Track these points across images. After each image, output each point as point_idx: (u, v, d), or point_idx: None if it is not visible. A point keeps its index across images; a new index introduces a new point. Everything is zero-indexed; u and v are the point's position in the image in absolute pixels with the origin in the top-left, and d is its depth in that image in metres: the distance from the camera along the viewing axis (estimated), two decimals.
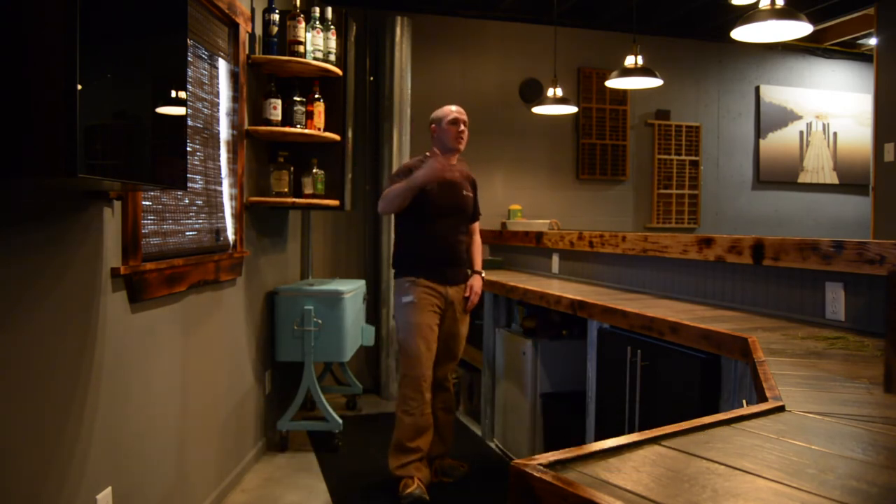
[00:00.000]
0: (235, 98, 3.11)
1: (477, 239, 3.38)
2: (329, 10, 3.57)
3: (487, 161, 5.27)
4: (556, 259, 4.13)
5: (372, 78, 5.04)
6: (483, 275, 3.31)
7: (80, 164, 1.24)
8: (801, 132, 6.22)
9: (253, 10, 3.30)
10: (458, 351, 3.24)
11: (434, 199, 3.08)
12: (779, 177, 6.17)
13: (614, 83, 4.19)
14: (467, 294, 3.20)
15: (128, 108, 1.54)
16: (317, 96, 3.55)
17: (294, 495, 3.07)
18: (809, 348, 1.79)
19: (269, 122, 3.35)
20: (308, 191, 3.62)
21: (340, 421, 3.63)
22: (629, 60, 4.02)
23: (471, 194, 3.26)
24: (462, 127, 3.15)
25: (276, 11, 3.35)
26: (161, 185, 1.94)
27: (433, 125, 3.20)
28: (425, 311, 3.05)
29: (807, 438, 0.99)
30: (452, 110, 3.17)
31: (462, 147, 3.18)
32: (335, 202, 3.72)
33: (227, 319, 3.03)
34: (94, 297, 1.88)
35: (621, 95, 5.69)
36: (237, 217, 3.13)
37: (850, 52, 6.26)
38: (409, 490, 2.92)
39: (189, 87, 2.54)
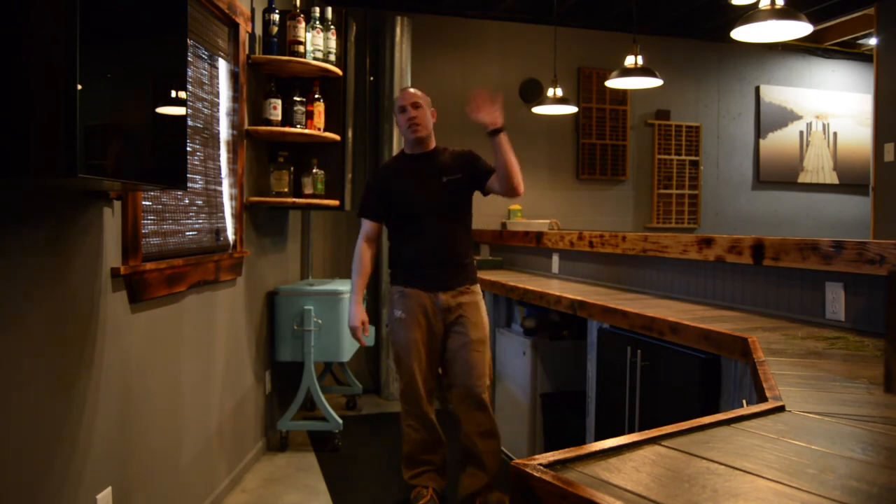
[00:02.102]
0: (235, 98, 3.11)
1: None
2: (329, 10, 3.57)
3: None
4: (556, 259, 4.13)
5: (372, 78, 5.04)
6: (502, 134, 2.63)
7: (80, 164, 1.24)
8: (801, 132, 6.22)
9: (253, 10, 3.30)
10: (477, 361, 2.80)
11: (405, 196, 2.82)
12: (779, 177, 6.17)
13: (614, 83, 4.19)
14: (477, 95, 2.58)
15: (128, 108, 1.54)
16: (317, 96, 3.55)
17: (294, 495, 3.07)
18: (809, 348, 1.79)
19: (269, 122, 3.35)
20: (308, 191, 3.62)
21: (340, 421, 3.64)
22: (629, 60, 4.02)
23: (457, 176, 2.81)
24: (410, 112, 2.77)
25: (276, 11, 3.35)
26: (161, 185, 1.95)
27: (396, 121, 2.91)
28: (414, 326, 2.79)
29: (807, 438, 0.99)
30: (399, 95, 2.83)
31: (418, 133, 2.79)
32: (335, 202, 3.72)
33: (227, 319, 3.03)
34: (94, 297, 1.88)
35: (621, 95, 5.69)
36: (237, 217, 3.13)
37: (850, 52, 6.26)
38: (421, 502, 2.84)
39: (189, 87, 2.54)
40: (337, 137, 3.65)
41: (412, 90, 2.85)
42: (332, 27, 3.56)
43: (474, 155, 2.89)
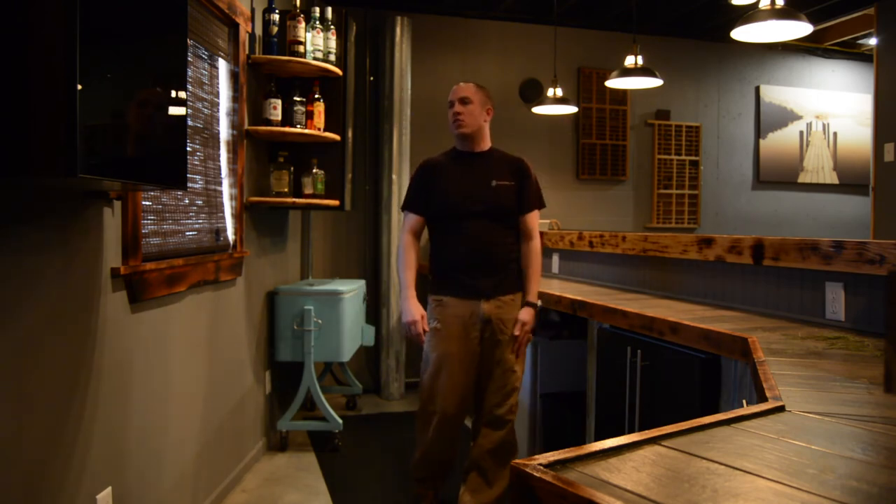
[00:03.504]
0: (235, 98, 3.11)
1: (533, 246, 2.71)
2: (329, 10, 3.57)
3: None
4: (556, 259, 4.13)
5: (372, 78, 5.04)
6: (538, 305, 2.71)
7: (80, 164, 1.24)
8: (801, 132, 6.22)
9: (253, 10, 3.30)
10: (508, 382, 2.67)
11: (449, 194, 2.67)
12: (779, 177, 6.18)
13: (614, 83, 4.19)
14: (516, 332, 2.63)
15: (128, 108, 1.54)
16: (317, 96, 3.55)
17: (294, 495, 3.07)
18: (809, 348, 1.79)
19: (269, 122, 3.35)
20: (308, 191, 3.62)
21: (340, 421, 3.64)
22: (629, 60, 4.02)
23: (508, 183, 2.67)
24: (457, 107, 2.68)
25: (276, 11, 3.35)
26: (161, 185, 1.94)
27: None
28: (451, 339, 2.61)
29: (807, 438, 0.99)
30: (453, 89, 2.75)
31: (461, 129, 2.68)
32: (335, 202, 3.72)
33: (227, 319, 3.03)
34: (94, 297, 1.88)
35: (621, 95, 5.69)
36: (237, 217, 3.13)
37: (850, 52, 6.26)
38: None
39: (189, 87, 2.54)
40: (337, 137, 3.65)
41: (465, 84, 2.73)
42: (332, 27, 3.56)
43: (526, 172, 2.74)
